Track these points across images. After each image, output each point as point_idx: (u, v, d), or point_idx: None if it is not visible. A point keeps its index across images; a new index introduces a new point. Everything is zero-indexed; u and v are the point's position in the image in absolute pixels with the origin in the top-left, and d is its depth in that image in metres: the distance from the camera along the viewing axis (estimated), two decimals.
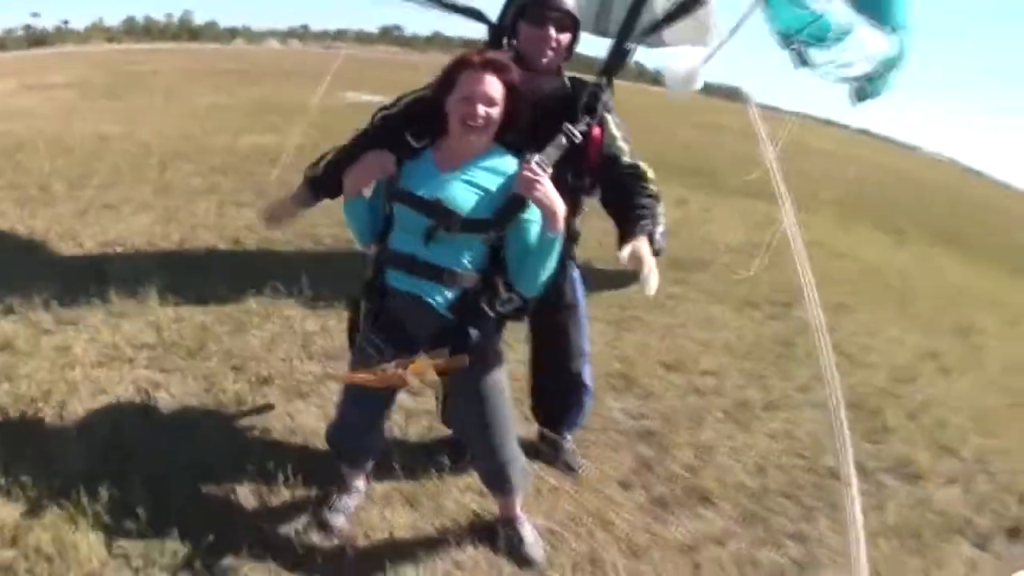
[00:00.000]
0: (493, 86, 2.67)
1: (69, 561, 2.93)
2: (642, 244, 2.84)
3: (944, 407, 5.70)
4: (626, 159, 3.15)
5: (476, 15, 3.85)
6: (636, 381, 5.16)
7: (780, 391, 5.42)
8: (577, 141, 2.91)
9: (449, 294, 2.78)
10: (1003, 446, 5.26)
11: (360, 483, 3.54)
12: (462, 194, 2.71)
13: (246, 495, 3.47)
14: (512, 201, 2.70)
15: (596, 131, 3.06)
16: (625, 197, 3.07)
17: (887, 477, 4.55)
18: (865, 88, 4.24)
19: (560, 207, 2.65)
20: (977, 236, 16.96)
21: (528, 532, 3.37)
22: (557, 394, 3.89)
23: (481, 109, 2.65)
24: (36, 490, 3.28)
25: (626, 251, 2.81)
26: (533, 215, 2.71)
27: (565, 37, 3.11)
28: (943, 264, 12.30)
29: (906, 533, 4.01)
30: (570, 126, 2.91)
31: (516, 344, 4.12)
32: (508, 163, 2.79)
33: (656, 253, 2.88)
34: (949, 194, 29.86)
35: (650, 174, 3.15)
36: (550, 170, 2.71)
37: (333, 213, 7.42)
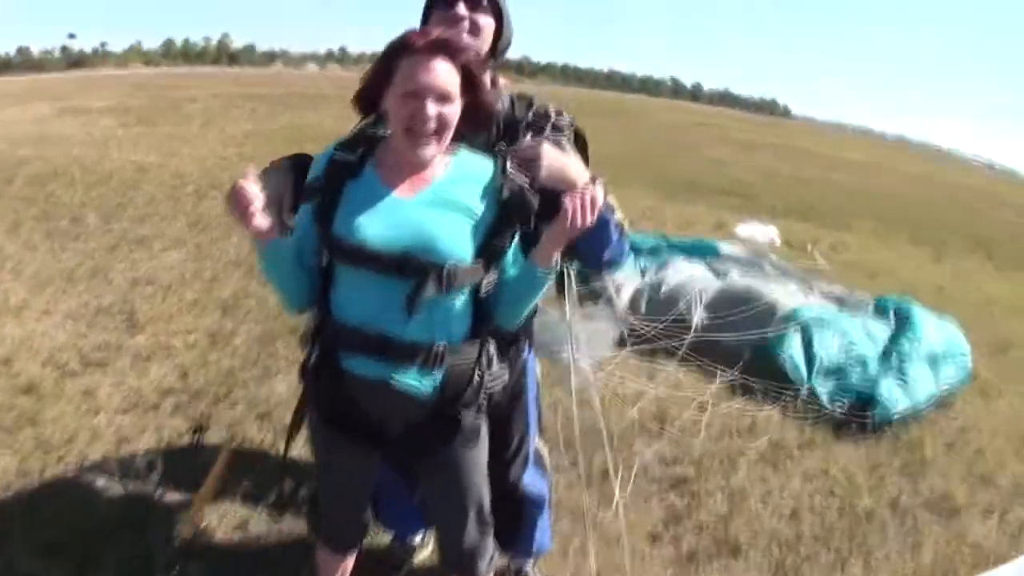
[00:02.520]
0: (445, 74, 2.00)
1: None
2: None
3: (982, 432, 5.67)
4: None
5: None
6: (670, 423, 5.11)
7: (815, 429, 5.35)
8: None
9: (437, 375, 2.14)
10: None
11: None
12: (439, 233, 2.05)
13: (276, 555, 3.47)
14: (501, 223, 2.12)
15: None
16: None
17: (924, 513, 4.52)
18: None
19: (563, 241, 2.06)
20: (1011, 244, 17.03)
21: None
22: (497, 508, 2.87)
23: (431, 108, 1.98)
24: (55, 540, 3.32)
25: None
26: (517, 244, 2.19)
27: (485, 21, 2.42)
28: (979, 276, 12.35)
29: (940, 572, 4.00)
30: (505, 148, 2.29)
31: None
32: (483, 168, 2.17)
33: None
34: (984, 200, 29.96)
35: (622, 214, 2.49)
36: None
37: None
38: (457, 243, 2.05)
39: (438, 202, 2.08)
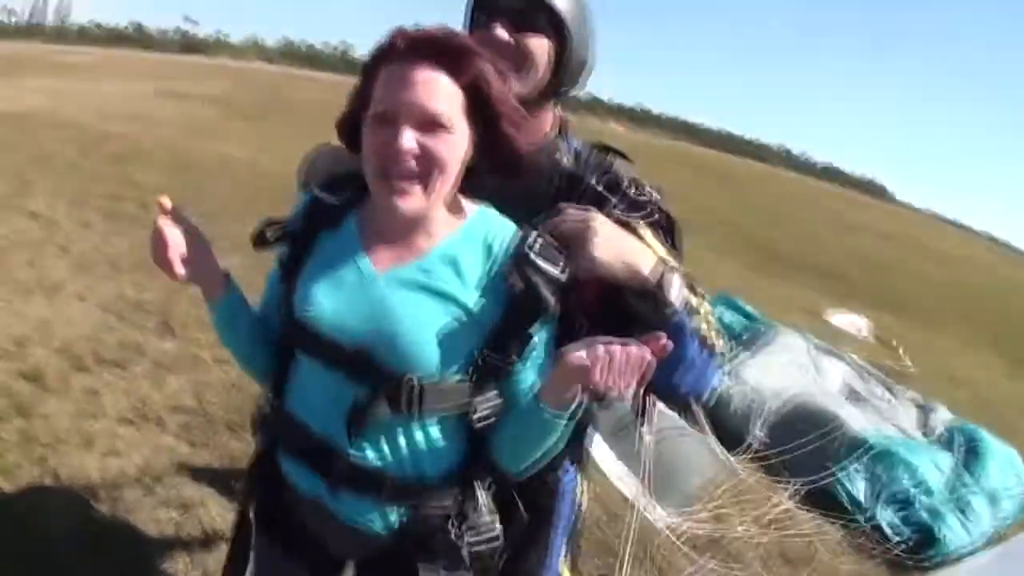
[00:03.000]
0: (432, 89, 1.39)
1: None
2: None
3: None
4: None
5: None
6: (723, 544, 4.50)
7: (873, 563, 4.82)
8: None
9: (393, 515, 1.58)
10: None
11: None
12: (408, 328, 1.45)
13: None
14: (505, 327, 1.47)
15: None
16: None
17: None
18: None
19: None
20: None
21: None
22: None
23: (407, 138, 1.37)
24: (11, 556, 3.04)
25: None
26: (537, 356, 1.54)
27: (537, 44, 1.71)
28: None
29: None
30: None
31: None
32: (500, 242, 1.52)
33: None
34: None
35: (709, 319, 1.70)
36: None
37: None
38: (431, 347, 1.44)
39: (420, 284, 1.48)
